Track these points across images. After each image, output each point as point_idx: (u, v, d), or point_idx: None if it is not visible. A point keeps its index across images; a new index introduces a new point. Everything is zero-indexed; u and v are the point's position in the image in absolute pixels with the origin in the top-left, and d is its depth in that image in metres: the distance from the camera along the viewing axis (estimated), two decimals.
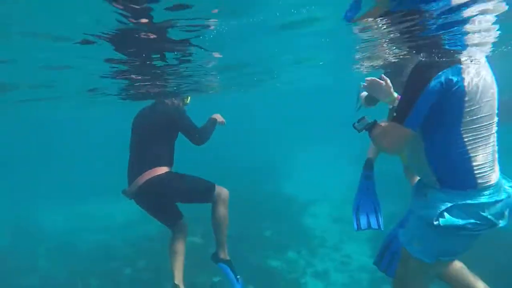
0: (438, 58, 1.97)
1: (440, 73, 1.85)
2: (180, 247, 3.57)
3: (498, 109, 2.04)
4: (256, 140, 19.29)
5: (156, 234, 6.40)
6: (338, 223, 7.87)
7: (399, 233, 2.32)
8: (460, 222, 1.91)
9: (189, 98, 4.06)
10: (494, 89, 2.01)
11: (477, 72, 1.90)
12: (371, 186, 3.01)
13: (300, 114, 25.32)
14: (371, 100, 2.87)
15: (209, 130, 3.79)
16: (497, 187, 2.00)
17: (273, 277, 5.95)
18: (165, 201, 3.54)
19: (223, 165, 13.06)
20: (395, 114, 1.98)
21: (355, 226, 3.00)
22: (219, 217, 3.53)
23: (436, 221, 1.93)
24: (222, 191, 3.56)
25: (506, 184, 2.10)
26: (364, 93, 2.86)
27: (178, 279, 3.44)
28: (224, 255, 3.59)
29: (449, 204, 1.94)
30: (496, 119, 2.02)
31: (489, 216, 1.95)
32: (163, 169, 3.41)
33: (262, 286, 5.63)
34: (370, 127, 2.15)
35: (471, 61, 1.91)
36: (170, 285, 3.47)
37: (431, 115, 1.93)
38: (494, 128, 2.02)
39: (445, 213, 1.93)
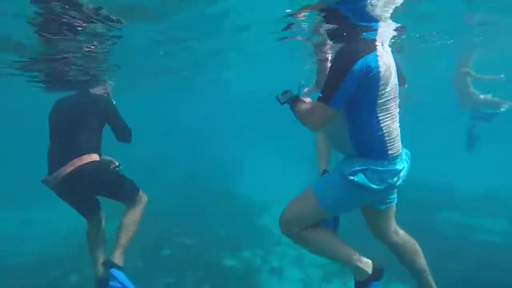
0: (357, 45, 2.26)
1: (361, 58, 2.10)
2: (100, 237, 3.53)
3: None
4: (207, 139, 19.14)
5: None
6: None
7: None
8: (370, 184, 2.24)
9: (114, 102, 3.87)
10: (395, 73, 2.33)
11: (387, 59, 2.22)
12: None
13: (250, 112, 25.58)
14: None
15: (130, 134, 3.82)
16: (401, 156, 2.39)
17: (228, 275, 5.90)
18: (88, 191, 3.40)
19: (173, 164, 12.81)
20: (320, 95, 2.19)
21: None
22: (132, 220, 3.37)
23: (351, 176, 2.25)
24: (143, 198, 3.49)
25: (404, 153, 2.48)
26: (307, 88, 2.97)
27: (101, 260, 3.46)
28: (119, 260, 3.28)
29: (365, 166, 2.27)
30: (398, 100, 2.37)
31: (391, 181, 2.32)
32: (94, 157, 3.28)
33: (217, 285, 5.57)
34: (293, 101, 2.39)
35: (383, 50, 2.21)
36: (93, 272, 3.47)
37: (353, 98, 2.19)
38: (397, 108, 2.38)
39: (360, 173, 2.25)
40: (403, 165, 2.37)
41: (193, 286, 5.56)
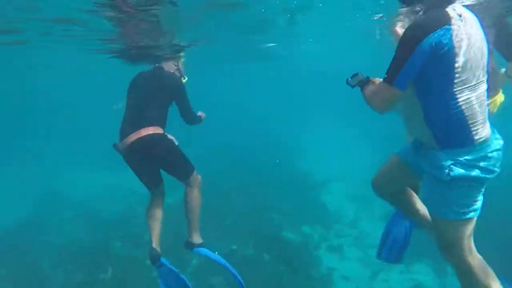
0: (428, 18, 2.00)
1: (430, 34, 1.89)
2: (158, 213, 3.63)
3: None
4: (272, 116, 19.27)
5: (173, 203, 6.62)
6: (354, 202, 7.94)
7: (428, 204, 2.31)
8: (467, 173, 2.01)
9: (186, 79, 4.09)
10: (484, 46, 2.04)
11: (466, 32, 1.93)
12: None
13: (320, 92, 25.09)
14: None
15: (198, 119, 4.03)
16: (490, 140, 2.08)
17: (288, 248, 6.15)
18: (152, 162, 3.54)
19: (238, 140, 13.20)
20: (385, 75, 2.02)
21: (377, 253, 2.98)
22: (194, 200, 3.56)
23: (447, 176, 2.02)
24: (198, 177, 3.63)
25: (494, 136, 2.15)
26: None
27: (156, 243, 3.50)
28: (197, 239, 3.60)
29: (450, 162, 2.03)
30: (486, 76, 2.07)
31: (488, 166, 2.05)
32: (160, 130, 3.47)
33: (277, 256, 5.83)
34: (363, 84, 2.21)
35: (462, 19, 1.94)
36: (148, 250, 3.50)
37: (424, 77, 1.99)
38: (485, 85, 2.07)
39: (452, 167, 2.02)
40: (494, 147, 2.09)
41: (254, 254, 5.87)
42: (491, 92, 3.51)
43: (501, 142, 2.15)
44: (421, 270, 5.55)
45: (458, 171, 2.01)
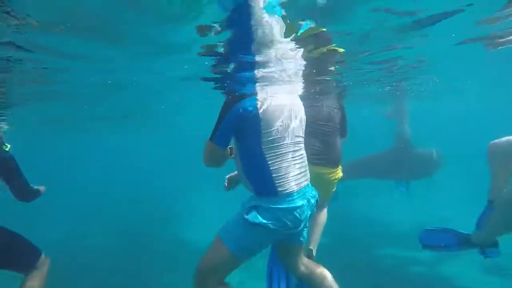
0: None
1: (239, 103, 2.34)
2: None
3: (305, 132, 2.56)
4: (148, 184, 18.43)
5: None
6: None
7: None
8: (262, 220, 2.31)
9: (8, 146, 3.20)
10: (295, 118, 2.49)
11: (272, 104, 2.37)
12: None
13: (194, 156, 25.10)
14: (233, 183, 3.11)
15: (37, 195, 3.33)
16: (298, 194, 2.41)
17: None
18: None
19: (116, 209, 12.14)
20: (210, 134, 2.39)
21: None
22: None
23: (245, 215, 2.35)
24: (46, 262, 2.97)
25: (310, 194, 2.52)
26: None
27: None
28: None
29: (254, 203, 2.36)
30: (298, 139, 2.50)
31: (286, 221, 2.36)
32: None
33: None
34: None
35: (270, 95, 2.40)
36: None
37: (238, 136, 2.40)
38: (298, 147, 2.50)
39: (253, 210, 2.34)
40: (299, 203, 2.40)
41: None
42: (333, 164, 4.05)
43: (309, 201, 2.47)
44: None
45: (254, 216, 2.31)
